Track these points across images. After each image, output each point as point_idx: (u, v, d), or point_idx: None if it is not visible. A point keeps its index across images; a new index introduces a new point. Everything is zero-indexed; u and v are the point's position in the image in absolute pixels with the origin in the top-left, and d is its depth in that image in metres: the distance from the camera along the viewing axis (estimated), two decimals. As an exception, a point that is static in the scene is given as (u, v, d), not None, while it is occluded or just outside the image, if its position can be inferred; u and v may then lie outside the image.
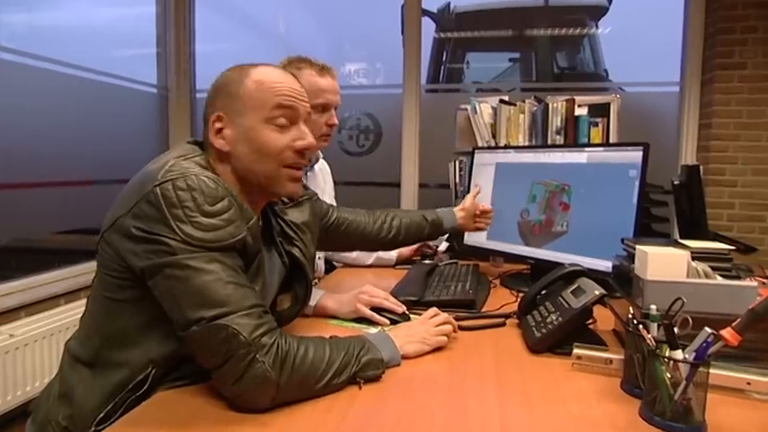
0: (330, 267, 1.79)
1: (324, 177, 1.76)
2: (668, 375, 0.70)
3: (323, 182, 1.73)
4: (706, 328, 0.69)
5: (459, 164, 2.24)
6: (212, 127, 0.85)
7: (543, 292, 1.12)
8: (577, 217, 1.40)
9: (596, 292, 0.96)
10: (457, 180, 2.25)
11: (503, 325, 1.14)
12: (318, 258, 1.66)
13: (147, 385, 0.79)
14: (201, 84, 3.16)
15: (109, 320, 0.81)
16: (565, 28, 3.44)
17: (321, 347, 0.80)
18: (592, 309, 0.98)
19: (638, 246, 0.93)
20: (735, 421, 0.73)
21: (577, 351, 0.89)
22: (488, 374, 0.88)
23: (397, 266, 1.77)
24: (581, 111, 2.09)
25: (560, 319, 0.97)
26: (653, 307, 0.78)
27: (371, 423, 0.72)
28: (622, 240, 1.09)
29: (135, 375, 0.79)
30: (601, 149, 1.44)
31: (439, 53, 3.69)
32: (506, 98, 2.27)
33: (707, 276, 0.89)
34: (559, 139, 2.10)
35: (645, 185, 1.25)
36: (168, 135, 3.09)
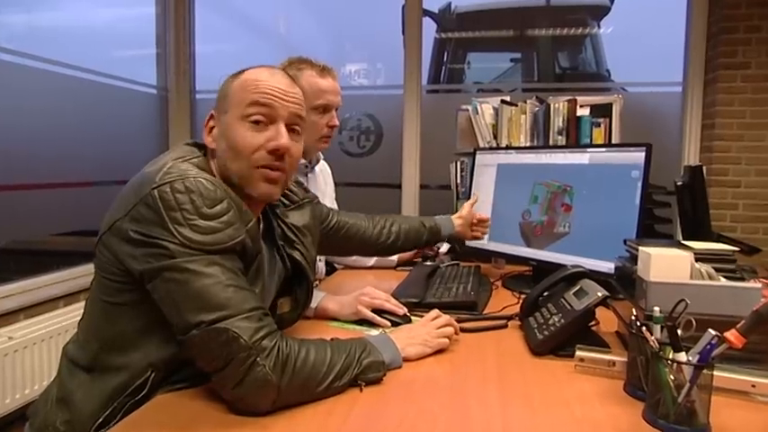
0: (331, 269, 1.79)
1: (324, 179, 1.75)
2: (672, 377, 0.69)
3: (323, 183, 1.73)
4: (710, 330, 0.69)
5: (460, 165, 2.23)
6: (206, 126, 0.87)
7: (545, 294, 1.11)
8: (579, 218, 1.40)
9: (599, 294, 0.96)
10: (458, 181, 2.24)
11: (505, 327, 1.13)
12: (319, 260, 1.65)
13: (147, 389, 0.78)
14: (201, 85, 3.15)
15: (107, 324, 0.81)
16: (566, 28, 3.42)
17: (322, 350, 0.79)
18: (594, 310, 0.97)
19: (640, 247, 0.93)
20: (739, 424, 0.72)
21: (580, 353, 0.89)
22: (490, 377, 0.88)
23: (399, 268, 1.76)
24: (583, 111, 2.07)
25: (563, 321, 0.96)
26: (656, 309, 0.77)
27: (373, 426, 0.71)
28: (625, 242, 1.08)
29: (134, 379, 0.78)
30: (603, 150, 1.43)
31: (440, 53, 3.67)
32: (508, 98, 2.26)
33: (710, 278, 0.88)
34: (561, 140, 2.09)
35: (647, 186, 1.25)
36: (168, 136, 3.09)
